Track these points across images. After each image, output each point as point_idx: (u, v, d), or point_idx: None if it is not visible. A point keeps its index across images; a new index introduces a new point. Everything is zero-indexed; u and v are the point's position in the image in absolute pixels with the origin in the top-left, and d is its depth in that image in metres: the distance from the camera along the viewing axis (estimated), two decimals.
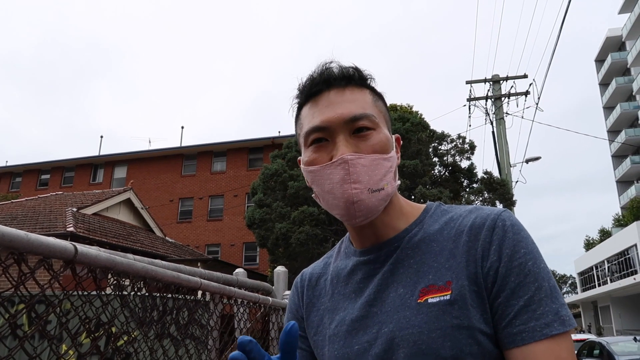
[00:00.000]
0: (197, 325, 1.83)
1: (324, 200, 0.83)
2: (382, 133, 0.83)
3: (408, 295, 0.79)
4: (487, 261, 0.76)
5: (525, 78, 15.49)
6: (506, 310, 0.73)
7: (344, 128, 0.81)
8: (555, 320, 0.71)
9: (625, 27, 43.55)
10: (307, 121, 0.84)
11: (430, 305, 0.75)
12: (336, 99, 0.83)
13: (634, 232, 28.10)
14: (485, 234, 0.78)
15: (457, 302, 0.74)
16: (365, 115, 0.81)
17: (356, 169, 0.78)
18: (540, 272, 0.74)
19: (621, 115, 45.70)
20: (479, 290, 0.75)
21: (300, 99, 0.88)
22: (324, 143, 0.82)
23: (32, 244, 0.88)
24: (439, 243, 0.81)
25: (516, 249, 0.75)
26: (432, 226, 0.85)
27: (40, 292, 1.03)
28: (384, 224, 0.86)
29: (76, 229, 11.89)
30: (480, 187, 14.44)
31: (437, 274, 0.78)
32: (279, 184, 14.48)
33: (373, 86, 0.89)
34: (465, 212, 0.84)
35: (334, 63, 0.86)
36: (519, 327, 0.72)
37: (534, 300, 0.72)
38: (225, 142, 26.51)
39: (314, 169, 0.82)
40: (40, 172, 29.51)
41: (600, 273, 35.77)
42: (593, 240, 46.27)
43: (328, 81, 0.84)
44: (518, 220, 0.80)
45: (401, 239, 0.85)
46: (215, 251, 24.56)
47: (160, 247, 15.52)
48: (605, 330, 33.26)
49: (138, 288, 1.36)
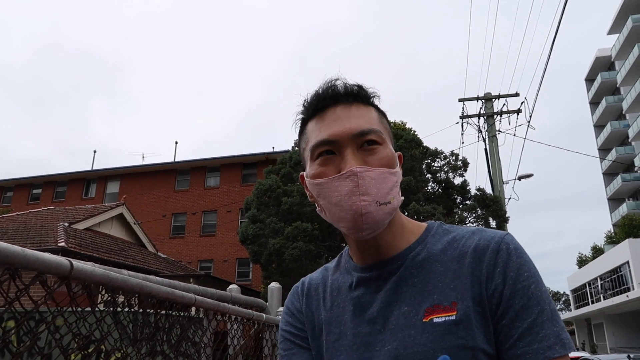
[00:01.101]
0: (190, 343, 1.82)
1: (330, 213, 0.83)
2: (388, 148, 0.84)
3: (413, 314, 0.79)
4: (491, 283, 0.77)
5: (517, 96, 15.68)
6: (510, 331, 0.75)
7: (352, 142, 0.82)
8: (557, 343, 0.73)
9: (614, 48, 44.31)
10: (314, 135, 0.85)
11: (435, 325, 0.76)
12: (343, 114, 0.84)
13: (626, 249, 28.22)
14: (489, 257, 0.79)
15: (463, 323, 0.75)
16: (373, 130, 0.83)
17: (365, 181, 0.79)
18: (542, 295, 0.76)
19: (611, 134, 46.24)
20: (483, 311, 0.76)
21: (306, 114, 0.89)
22: (332, 156, 0.83)
23: (27, 260, 0.88)
24: (442, 263, 0.82)
25: (520, 272, 0.77)
26: (435, 246, 0.86)
27: (34, 308, 1.02)
28: (386, 241, 0.86)
29: (67, 244, 11.78)
30: (473, 204, 14.49)
31: (442, 294, 0.79)
32: (273, 199, 14.46)
33: (377, 104, 0.90)
34: (468, 233, 0.85)
35: (340, 80, 0.87)
36: (522, 349, 0.73)
37: (536, 323, 0.74)
38: (219, 158, 26.49)
39: (322, 181, 0.82)
40: (32, 187, 29.28)
41: (593, 290, 35.80)
42: (585, 257, 46.39)
43: (335, 97, 0.86)
44: (519, 244, 0.82)
45: (404, 257, 0.86)
46: (208, 267, 24.36)
47: (153, 263, 15.39)
48: (599, 348, 33.16)
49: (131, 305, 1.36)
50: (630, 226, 35.66)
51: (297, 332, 0.95)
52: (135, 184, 27.29)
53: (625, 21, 41.72)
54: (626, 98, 41.88)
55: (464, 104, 16.12)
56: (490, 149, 15.37)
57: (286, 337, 0.96)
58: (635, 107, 40.57)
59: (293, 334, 0.96)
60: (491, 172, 15.13)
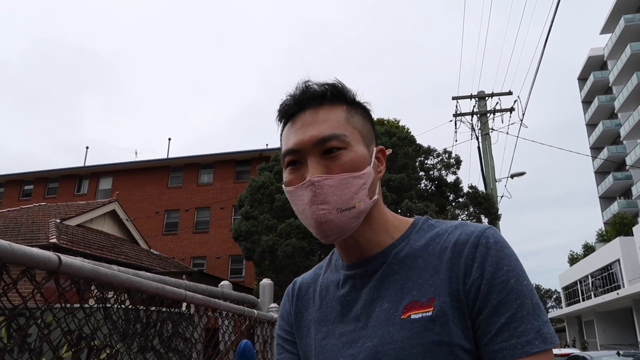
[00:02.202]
0: (181, 339, 1.82)
1: (300, 219, 0.86)
2: (352, 151, 0.83)
3: (392, 310, 0.80)
4: (469, 278, 0.77)
5: (510, 95, 15.75)
6: (488, 327, 0.74)
7: (314, 149, 0.83)
8: (537, 338, 0.72)
9: (607, 47, 44.58)
10: (284, 143, 0.88)
11: (412, 321, 0.77)
12: (309, 120, 0.85)
13: (617, 247, 28.48)
14: (468, 251, 0.79)
15: (439, 319, 0.75)
16: (334, 135, 0.83)
17: (323, 190, 0.80)
18: (523, 289, 0.75)
19: (603, 133, 46.56)
20: (461, 306, 0.76)
21: (282, 119, 0.91)
22: (298, 165, 0.85)
23: (15, 254, 0.88)
24: (424, 259, 0.82)
25: (499, 267, 0.76)
26: (418, 241, 0.86)
27: (22, 303, 1.02)
28: (368, 240, 0.87)
29: (59, 241, 11.71)
30: (465, 202, 14.56)
31: (421, 291, 0.79)
32: (266, 196, 14.44)
33: (351, 99, 0.90)
34: (451, 227, 0.85)
35: (310, 82, 0.88)
36: (500, 344, 0.72)
37: (515, 318, 0.73)
38: (212, 154, 26.40)
39: (290, 189, 0.85)
40: (24, 183, 29.05)
41: (584, 288, 36.10)
42: (577, 255, 46.77)
43: (301, 102, 0.87)
44: (502, 237, 0.81)
45: (387, 254, 0.86)
46: (200, 264, 24.30)
47: (145, 260, 15.33)
48: (590, 344, 33.47)
49: (121, 300, 1.35)
50: (621, 224, 35.97)
51: (286, 336, 0.98)
52: (127, 180, 27.14)
53: (617, 21, 41.97)
54: (618, 97, 42.17)
55: (457, 102, 16.18)
56: (483, 147, 15.44)
57: (278, 341, 1.00)
58: (627, 106, 40.87)
59: (283, 338, 0.99)
60: (484, 170, 15.20)
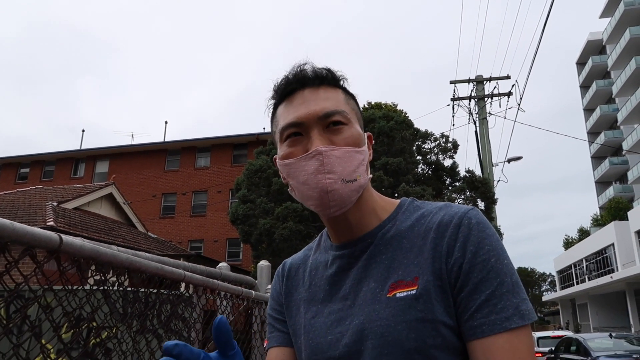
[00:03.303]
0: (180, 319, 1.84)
1: (299, 192, 0.86)
2: (353, 128, 0.87)
3: (379, 289, 0.82)
4: (451, 257, 0.79)
5: (508, 79, 15.71)
6: (468, 304, 0.77)
7: (318, 123, 0.84)
8: (515, 314, 0.74)
9: (606, 31, 44.33)
10: (283, 118, 0.88)
11: (397, 299, 0.79)
12: (310, 97, 0.87)
13: (612, 231, 28.69)
14: (451, 231, 0.81)
15: (422, 297, 0.78)
16: (338, 111, 0.85)
17: (330, 159, 0.81)
18: (503, 268, 0.77)
19: (601, 118, 46.56)
20: (443, 285, 0.79)
21: (276, 99, 0.92)
22: (299, 138, 0.86)
23: (17, 233, 0.89)
24: (409, 240, 0.85)
25: (480, 246, 0.79)
26: (404, 223, 0.88)
27: (24, 282, 1.03)
28: (357, 220, 0.89)
29: (56, 224, 11.73)
30: (462, 186, 14.61)
31: (406, 270, 0.82)
32: (263, 180, 14.45)
33: (345, 87, 0.93)
34: (436, 209, 0.88)
35: (308, 64, 0.90)
36: (479, 320, 0.75)
37: (495, 295, 0.75)
38: (209, 138, 26.31)
39: (290, 161, 0.85)
40: (20, 166, 28.93)
41: (578, 271, 36.44)
42: (572, 240, 47.10)
43: (302, 80, 0.88)
44: (485, 218, 0.84)
45: (374, 235, 0.88)
46: (198, 247, 24.40)
47: (143, 243, 15.38)
48: (583, 327, 33.92)
49: (121, 282, 1.37)
50: (616, 209, 36.20)
51: (277, 316, 1.00)
52: (124, 163, 27.07)
53: (617, 5, 41.67)
54: (616, 82, 42.08)
55: (455, 86, 16.13)
56: (481, 132, 15.44)
57: (269, 320, 1.03)
58: (625, 91, 40.81)
59: (273, 317, 1.01)
60: (481, 154, 15.23)
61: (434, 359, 0.76)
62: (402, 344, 0.76)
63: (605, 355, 9.19)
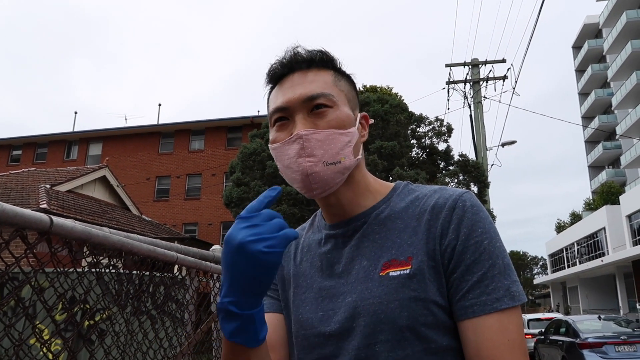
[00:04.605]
0: (173, 301, 1.85)
1: (285, 175, 0.88)
2: (339, 110, 0.87)
3: (372, 268, 0.84)
4: (445, 239, 0.81)
5: (503, 62, 15.65)
6: (460, 284, 0.79)
7: (303, 107, 0.86)
8: (506, 295, 0.76)
9: (603, 15, 44.11)
10: (272, 103, 0.90)
11: (391, 278, 0.81)
12: (298, 81, 0.88)
13: (603, 216, 28.98)
14: (445, 214, 0.83)
15: (416, 276, 0.79)
16: (322, 94, 0.86)
17: (310, 143, 0.83)
18: (495, 250, 0.80)
19: (595, 102, 46.59)
20: (436, 265, 0.80)
21: (270, 83, 0.94)
22: (285, 122, 0.88)
23: (6, 214, 0.89)
24: (403, 220, 0.86)
25: (473, 229, 0.81)
26: (398, 204, 0.90)
27: (15, 263, 1.03)
28: (350, 201, 0.91)
29: (50, 206, 11.68)
30: (455, 170, 14.65)
31: (400, 250, 0.83)
32: (258, 163, 14.43)
33: (337, 67, 0.94)
34: (430, 191, 0.89)
35: (299, 47, 0.91)
36: (471, 301, 0.77)
37: (487, 277, 0.78)
38: (203, 121, 26.14)
39: (276, 146, 0.87)
40: (12, 148, 28.68)
41: (569, 255, 36.87)
42: (564, 224, 47.54)
43: (291, 65, 0.90)
44: (478, 201, 0.86)
45: (368, 215, 0.90)
46: (192, 230, 24.42)
47: (137, 226, 15.37)
48: (573, 309, 34.45)
49: (114, 264, 1.38)
50: (608, 193, 36.48)
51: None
52: (118, 146, 26.89)
53: None
54: (612, 66, 42.02)
55: (450, 70, 16.06)
56: (475, 115, 15.43)
57: None
58: (620, 75, 40.79)
59: None
60: (475, 138, 15.25)
61: (425, 336, 0.77)
62: (395, 322, 0.78)
63: (593, 336, 9.34)
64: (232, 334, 0.68)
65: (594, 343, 9.09)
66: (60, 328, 1.21)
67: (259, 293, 0.69)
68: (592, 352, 8.98)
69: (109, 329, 1.52)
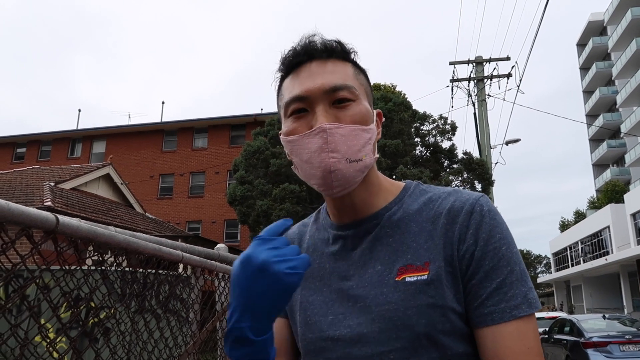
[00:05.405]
0: (178, 300, 1.85)
1: (302, 170, 0.83)
2: (361, 105, 0.83)
3: (386, 272, 0.81)
4: (463, 244, 0.79)
5: (507, 60, 15.59)
6: (479, 291, 0.77)
7: (324, 98, 0.81)
8: (524, 302, 0.75)
9: (607, 12, 43.88)
10: (288, 92, 0.84)
11: (407, 283, 0.78)
12: (317, 70, 0.83)
13: (607, 214, 28.86)
14: (463, 218, 0.80)
15: (434, 283, 0.77)
16: (346, 86, 0.81)
17: (334, 138, 0.78)
18: (513, 256, 0.78)
19: (600, 100, 46.38)
20: (454, 271, 0.78)
21: (283, 71, 0.88)
22: (304, 113, 0.82)
23: (12, 213, 0.88)
24: (417, 223, 0.83)
25: (492, 234, 0.79)
26: (411, 205, 0.86)
27: (21, 262, 1.03)
28: (362, 200, 0.87)
29: (54, 204, 11.71)
30: (459, 168, 14.61)
31: (416, 254, 0.80)
32: (261, 161, 14.42)
33: (355, 60, 0.89)
34: (444, 194, 0.86)
35: (317, 36, 0.86)
36: (490, 308, 0.75)
37: (505, 284, 0.76)
38: (206, 119, 26.16)
39: (293, 138, 0.81)
40: (16, 146, 28.79)
41: (573, 254, 36.75)
42: (568, 222, 47.40)
43: (310, 52, 0.84)
44: (494, 206, 0.83)
45: (381, 216, 0.86)
46: (196, 228, 24.46)
47: (141, 223, 15.40)
48: (577, 308, 34.35)
49: (119, 263, 1.37)
50: (612, 192, 36.34)
51: None
52: (121, 144, 26.95)
53: None
54: (616, 64, 41.80)
55: (454, 68, 16.00)
56: (479, 113, 15.38)
57: None
58: (624, 73, 40.58)
59: None
60: (479, 137, 15.20)
61: (442, 344, 0.76)
62: (412, 329, 0.76)
63: (598, 335, 9.31)
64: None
65: (599, 342, 9.05)
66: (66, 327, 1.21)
67: (273, 318, 0.67)
68: (597, 351, 8.95)
69: (114, 328, 1.51)
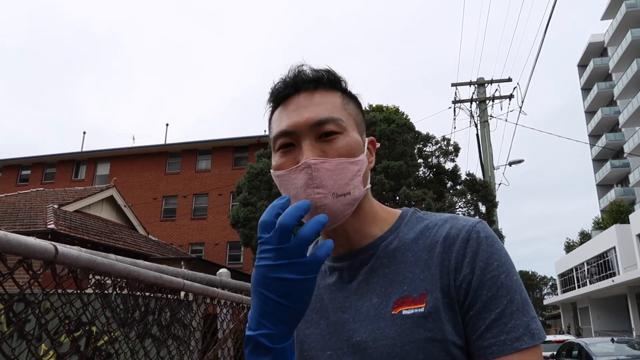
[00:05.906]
0: (180, 326, 1.82)
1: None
2: (349, 137, 0.81)
3: (382, 305, 0.79)
4: (460, 274, 0.76)
5: (509, 81, 15.68)
6: (478, 323, 0.74)
7: (310, 132, 0.80)
8: (526, 334, 0.72)
9: (608, 33, 44.30)
10: (276, 125, 0.84)
11: (404, 317, 0.76)
12: (304, 103, 0.82)
13: (613, 235, 28.62)
14: (459, 246, 0.78)
15: (431, 315, 0.74)
16: (332, 119, 0.80)
17: (319, 173, 0.76)
18: (513, 285, 0.75)
19: (602, 120, 46.48)
20: (451, 302, 0.76)
21: (272, 103, 0.87)
22: (291, 148, 0.81)
23: (11, 244, 0.87)
24: (414, 253, 0.81)
25: (489, 262, 0.76)
26: (407, 234, 0.84)
27: (20, 292, 1.01)
28: (357, 231, 0.85)
29: (57, 226, 11.70)
30: (463, 189, 14.58)
31: (412, 286, 0.78)
32: (264, 183, 14.44)
33: (345, 88, 0.88)
34: (441, 221, 0.84)
35: (305, 66, 0.85)
36: (489, 341, 0.72)
37: (505, 314, 0.73)
38: (210, 140, 26.31)
39: (281, 173, 0.81)
40: (21, 168, 28.95)
41: (580, 275, 36.35)
42: (573, 243, 47.02)
43: (296, 85, 0.84)
44: (492, 232, 0.81)
45: (376, 246, 0.84)
46: (199, 250, 24.37)
47: (143, 246, 15.36)
48: (584, 331, 33.82)
49: (120, 288, 1.35)
50: (617, 212, 36.11)
51: None
52: (125, 166, 27.07)
53: (619, 7, 41.64)
54: (617, 84, 42.01)
55: (456, 89, 16.10)
56: (482, 134, 15.41)
57: None
58: (626, 93, 40.75)
59: None
60: (482, 157, 15.20)
61: None
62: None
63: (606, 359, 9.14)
64: None
65: None
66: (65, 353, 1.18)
67: (292, 323, 0.66)
68: None
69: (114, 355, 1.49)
